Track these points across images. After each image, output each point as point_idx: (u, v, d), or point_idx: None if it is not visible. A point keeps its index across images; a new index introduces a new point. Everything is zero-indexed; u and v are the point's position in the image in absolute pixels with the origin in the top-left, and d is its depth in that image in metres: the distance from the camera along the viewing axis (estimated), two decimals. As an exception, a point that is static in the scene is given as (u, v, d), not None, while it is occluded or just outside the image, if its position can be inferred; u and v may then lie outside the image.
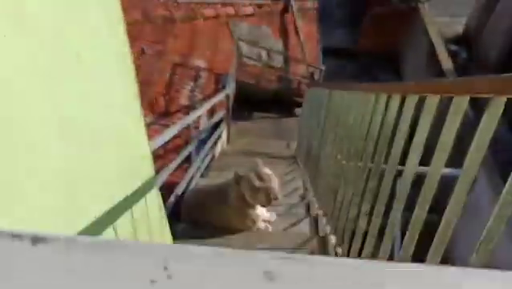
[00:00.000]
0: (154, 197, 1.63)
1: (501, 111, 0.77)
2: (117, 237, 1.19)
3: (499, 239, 0.76)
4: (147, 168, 1.54)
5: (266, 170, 2.31)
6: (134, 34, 5.87)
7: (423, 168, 1.75)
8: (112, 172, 1.19)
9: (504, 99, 0.75)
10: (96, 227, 1.07)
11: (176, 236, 2.31)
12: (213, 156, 4.52)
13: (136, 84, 1.28)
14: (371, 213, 1.53)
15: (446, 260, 0.96)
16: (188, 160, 3.60)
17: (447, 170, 1.01)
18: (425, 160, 1.26)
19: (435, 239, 0.96)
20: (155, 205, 1.66)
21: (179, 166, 3.87)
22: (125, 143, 1.28)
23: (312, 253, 2.19)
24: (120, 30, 1.13)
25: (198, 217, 2.47)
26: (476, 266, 0.79)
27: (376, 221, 1.44)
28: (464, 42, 7.48)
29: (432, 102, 1.05)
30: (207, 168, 4.11)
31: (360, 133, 1.73)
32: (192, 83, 5.80)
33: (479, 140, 0.81)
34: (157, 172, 2.54)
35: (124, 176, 1.29)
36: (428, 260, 1.00)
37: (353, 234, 1.73)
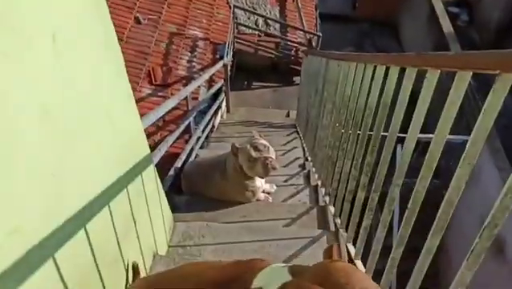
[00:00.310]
0: (150, 173, 1.60)
1: (508, 88, 0.71)
2: (112, 216, 1.17)
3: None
4: (141, 146, 1.50)
5: (262, 141, 2.28)
6: (128, 3, 5.66)
7: (424, 136, 1.71)
8: (104, 153, 1.15)
9: (512, 76, 0.69)
10: (91, 207, 1.04)
11: (179, 208, 2.30)
12: (213, 127, 4.48)
13: (122, 60, 1.21)
14: (369, 186, 1.50)
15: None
16: (188, 131, 3.56)
17: (449, 136, 0.96)
18: (424, 129, 1.21)
19: (436, 219, 0.92)
20: (152, 181, 1.63)
21: (180, 137, 3.84)
22: (115, 122, 1.23)
23: (310, 224, 2.18)
24: (102, 6, 1.05)
25: (198, 189, 2.46)
26: (478, 251, 0.76)
27: (375, 195, 1.42)
28: (464, 4, 7.22)
29: (433, 76, 0.98)
30: (207, 138, 4.08)
31: (359, 104, 1.67)
32: (189, 54, 5.65)
33: (485, 117, 0.75)
34: (157, 144, 2.51)
35: (117, 155, 1.25)
36: (429, 238, 0.97)
37: (352, 205, 1.71)
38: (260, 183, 2.39)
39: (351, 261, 1.67)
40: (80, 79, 0.97)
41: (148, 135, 4.45)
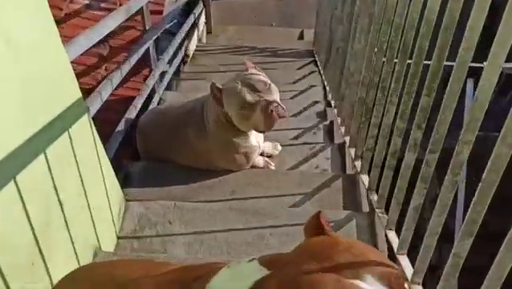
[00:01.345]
0: (84, 130, 1.59)
1: None
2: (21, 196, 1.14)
3: None
4: (66, 88, 1.46)
5: (260, 76, 2.19)
6: None
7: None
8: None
9: None
10: None
11: (134, 180, 2.29)
12: (186, 57, 4.41)
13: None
14: (423, 145, 1.47)
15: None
16: (147, 63, 3.49)
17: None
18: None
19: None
20: (87, 142, 1.63)
21: (135, 73, 3.76)
22: (17, 52, 1.17)
23: (332, 202, 2.18)
24: None
25: (161, 153, 2.43)
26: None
27: (431, 157, 1.38)
28: None
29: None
30: (176, 74, 4.04)
31: (410, 16, 1.60)
32: None
33: None
34: (98, 84, 2.44)
35: (23, 104, 1.21)
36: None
37: (395, 174, 1.69)
38: (257, 141, 2.36)
39: (392, 257, 1.67)
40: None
41: (86, 70, 4.38)
